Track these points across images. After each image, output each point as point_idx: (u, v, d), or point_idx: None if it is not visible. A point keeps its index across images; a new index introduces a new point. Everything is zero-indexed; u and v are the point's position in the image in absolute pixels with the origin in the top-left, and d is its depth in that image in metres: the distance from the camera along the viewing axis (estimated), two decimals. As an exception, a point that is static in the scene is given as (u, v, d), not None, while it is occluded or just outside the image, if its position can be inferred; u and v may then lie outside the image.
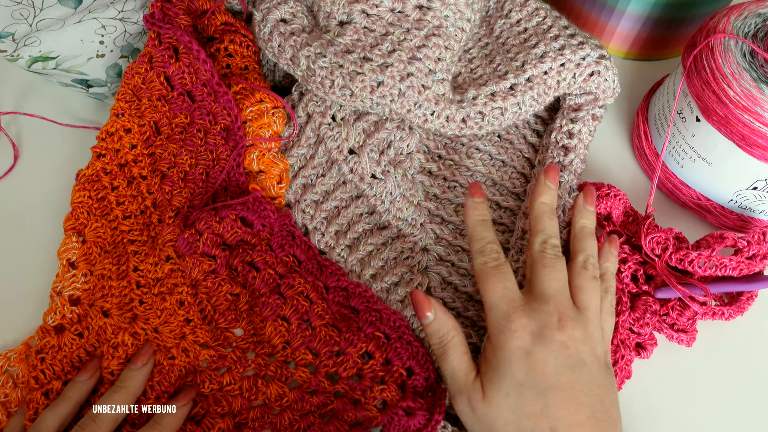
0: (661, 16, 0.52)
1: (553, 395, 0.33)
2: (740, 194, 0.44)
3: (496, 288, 0.36)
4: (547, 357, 0.34)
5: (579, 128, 0.46)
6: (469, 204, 0.39)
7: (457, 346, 0.36)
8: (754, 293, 0.42)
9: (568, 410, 0.33)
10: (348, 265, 0.43)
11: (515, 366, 0.34)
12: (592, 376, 0.34)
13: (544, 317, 0.35)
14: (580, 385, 0.34)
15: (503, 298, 0.35)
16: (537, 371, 0.34)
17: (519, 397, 0.33)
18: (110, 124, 0.47)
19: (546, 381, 0.33)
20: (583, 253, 0.39)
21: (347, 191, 0.45)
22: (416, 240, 0.43)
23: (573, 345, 0.34)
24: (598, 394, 0.34)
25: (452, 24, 0.44)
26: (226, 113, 0.43)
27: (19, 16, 0.41)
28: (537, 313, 0.35)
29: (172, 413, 0.38)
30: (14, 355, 0.40)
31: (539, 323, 0.34)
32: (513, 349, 0.34)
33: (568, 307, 0.36)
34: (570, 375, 0.34)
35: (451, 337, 0.36)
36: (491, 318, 0.36)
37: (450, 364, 0.36)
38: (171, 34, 0.43)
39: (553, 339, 0.34)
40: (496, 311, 0.36)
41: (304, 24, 0.44)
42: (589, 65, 0.45)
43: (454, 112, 0.43)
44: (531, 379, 0.33)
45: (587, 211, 0.41)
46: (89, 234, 0.44)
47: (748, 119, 0.39)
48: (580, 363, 0.34)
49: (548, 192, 0.40)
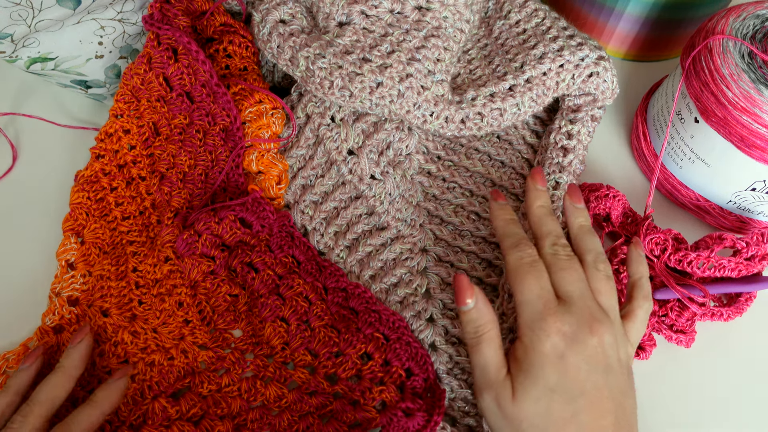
0: (659, 17, 0.52)
1: (583, 401, 0.33)
2: (739, 195, 0.44)
3: (532, 286, 0.35)
4: (579, 362, 0.33)
5: (578, 129, 0.46)
6: (494, 207, 0.40)
7: (493, 340, 0.35)
8: (753, 294, 0.42)
9: (594, 416, 0.33)
10: (347, 266, 0.43)
11: (548, 370, 0.33)
12: (617, 381, 0.34)
13: (577, 320, 0.34)
14: (606, 391, 0.33)
15: (540, 298, 0.35)
16: (569, 376, 0.33)
17: (550, 403, 0.33)
18: (109, 125, 0.47)
19: (578, 387, 0.33)
20: (590, 253, 0.38)
21: (346, 192, 0.45)
22: (415, 241, 0.43)
23: (602, 350, 0.34)
24: (621, 400, 0.34)
25: (451, 25, 0.44)
26: (225, 114, 0.43)
27: (18, 17, 0.41)
28: (569, 316, 0.34)
29: (106, 390, 0.38)
30: (13, 357, 0.40)
31: (573, 327, 0.34)
32: (547, 352, 0.33)
33: (597, 310, 0.35)
34: (598, 381, 0.33)
35: (488, 330, 0.35)
36: (525, 317, 0.35)
37: (483, 356, 0.35)
38: (170, 35, 0.43)
39: (586, 343, 0.33)
40: (530, 310, 0.35)
41: (303, 25, 0.44)
42: (587, 66, 0.45)
43: (453, 113, 0.43)
44: (563, 385, 0.33)
45: (578, 210, 0.40)
46: (88, 235, 0.44)
47: (747, 120, 0.39)
48: (608, 368, 0.34)
49: (541, 195, 0.40)
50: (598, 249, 0.38)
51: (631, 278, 0.39)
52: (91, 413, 0.37)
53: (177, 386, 0.39)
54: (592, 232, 0.39)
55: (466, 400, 0.39)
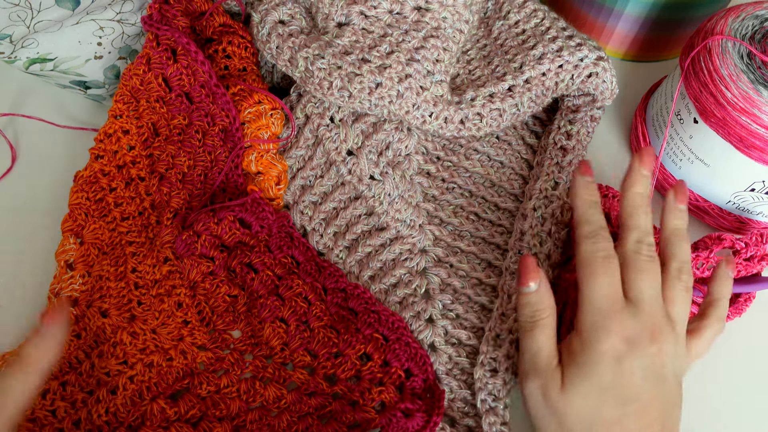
0: (659, 18, 0.52)
1: (633, 407, 0.32)
2: (738, 196, 0.44)
3: (601, 283, 0.34)
4: (636, 368, 0.33)
5: (577, 129, 0.46)
6: (579, 183, 0.36)
7: (548, 327, 0.34)
8: (752, 295, 0.42)
9: (641, 423, 0.32)
10: (346, 267, 0.43)
11: (603, 369, 0.32)
12: (669, 393, 0.33)
13: (640, 325, 0.33)
14: (657, 401, 0.33)
15: (607, 297, 0.33)
16: (624, 380, 0.32)
17: (599, 401, 0.32)
18: (108, 126, 0.47)
19: (630, 392, 0.32)
20: (677, 261, 0.35)
21: (346, 192, 0.45)
22: (415, 242, 0.43)
23: (660, 359, 0.33)
24: (670, 411, 0.33)
25: (450, 25, 0.44)
26: (224, 114, 0.43)
27: (17, 18, 0.41)
28: (634, 320, 0.33)
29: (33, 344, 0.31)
30: (11, 357, 0.40)
31: (635, 332, 0.33)
32: (605, 351, 0.33)
33: (663, 318, 0.34)
34: (651, 389, 0.33)
35: (546, 315, 0.34)
36: (588, 312, 0.34)
37: (536, 342, 0.34)
38: (169, 36, 0.43)
39: (645, 350, 0.33)
40: (595, 307, 0.33)
41: (302, 25, 0.44)
42: (587, 66, 0.45)
43: (452, 114, 0.43)
44: (616, 387, 0.32)
45: (678, 211, 0.36)
46: (87, 235, 0.44)
47: (746, 121, 0.39)
48: (663, 378, 0.33)
49: (642, 180, 0.36)
50: (686, 258, 0.36)
51: (710, 296, 0.37)
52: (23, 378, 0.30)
53: (176, 387, 0.39)
54: (685, 237, 0.36)
55: (466, 401, 0.39)
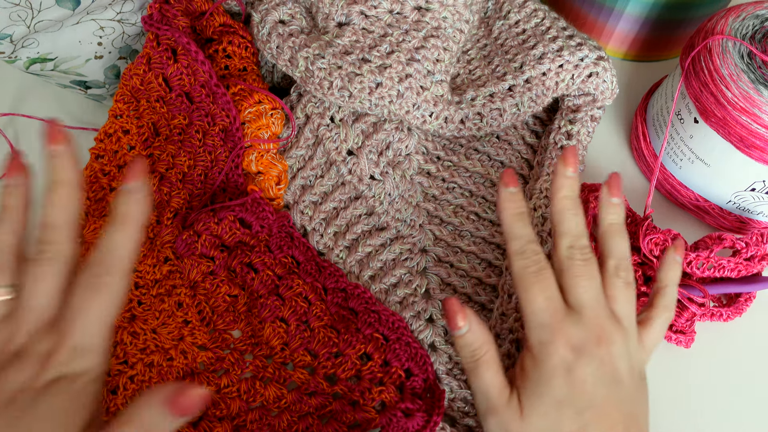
0: (659, 18, 0.52)
1: (591, 414, 0.32)
2: (738, 195, 0.44)
3: (538, 297, 0.33)
4: (587, 375, 0.32)
5: (577, 129, 0.46)
6: (503, 196, 0.35)
7: (491, 362, 0.34)
8: (752, 294, 0.42)
9: (602, 428, 0.32)
10: (347, 266, 0.43)
11: (556, 383, 0.32)
12: (627, 392, 0.33)
13: (585, 332, 0.33)
14: (615, 402, 0.33)
15: (546, 310, 0.33)
16: (577, 389, 0.32)
17: (558, 417, 0.32)
18: (108, 126, 0.47)
19: (585, 399, 0.32)
20: (614, 258, 0.35)
21: (346, 192, 0.45)
22: (415, 241, 0.43)
23: (610, 361, 0.33)
24: (632, 410, 0.33)
25: (451, 25, 0.44)
26: (224, 114, 0.43)
27: (17, 18, 0.41)
28: (577, 327, 0.33)
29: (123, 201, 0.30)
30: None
31: (581, 339, 0.33)
32: (555, 365, 0.32)
33: (607, 319, 0.33)
34: (607, 392, 0.32)
35: (485, 352, 0.34)
36: (532, 328, 0.33)
37: (483, 381, 0.34)
38: (169, 36, 0.43)
39: (594, 355, 0.32)
40: (537, 322, 0.33)
41: (302, 25, 0.44)
42: (587, 66, 0.45)
43: (452, 113, 0.43)
44: (571, 398, 0.32)
45: (612, 205, 0.36)
46: (88, 235, 0.44)
47: (746, 121, 0.39)
48: (617, 380, 0.33)
49: (567, 183, 0.35)
50: (624, 254, 0.35)
51: (658, 283, 0.37)
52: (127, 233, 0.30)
53: None
54: (622, 232, 0.36)
55: (466, 401, 0.39)
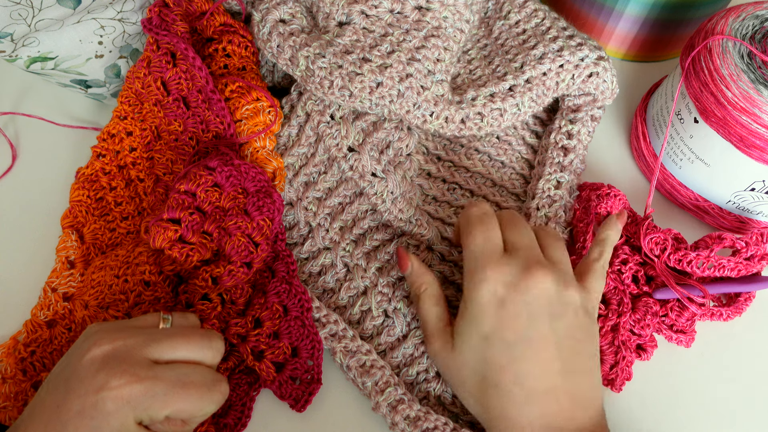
0: (659, 18, 0.52)
1: (522, 349, 0.33)
2: (738, 195, 0.44)
3: (477, 237, 0.35)
4: (519, 309, 0.33)
5: (578, 129, 0.46)
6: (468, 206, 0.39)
7: (431, 296, 0.38)
8: (752, 294, 0.42)
9: (535, 364, 0.33)
10: (353, 259, 0.43)
11: (485, 317, 0.34)
12: (566, 327, 0.34)
13: (518, 268, 0.34)
14: (552, 338, 0.33)
15: (483, 250, 0.35)
16: (507, 324, 0.33)
17: (486, 349, 0.34)
18: (112, 126, 0.47)
19: (516, 334, 0.33)
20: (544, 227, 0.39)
21: (350, 188, 0.45)
22: (423, 239, 0.43)
23: (547, 297, 0.34)
24: (572, 346, 0.34)
25: (451, 25, 0.44)
26: (218, 121, 0.43)
27: (18, 17, 0.41)
28: (510, 264, 0.34)
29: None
30: (2, 350, 0.40)
31: (513, 275, 0.34)
32: (484, 301, 0.34)
33: (540, 259, 0.35)
34: (542, 327, 0.33)
35: (425, 288, 0.38)
36: (467, 268, 0.35)
37: (423, 310, 0.38)
38: (168, 41, 0.43)
39: (528, 291, 0.33)
40: (473, 261, 0.35)
41: (303, 24, 0.44)
42: (587, 66, 0.45)
43: (453, 113, 0.43)
44: (499, 332, 0.33)
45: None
46: (88, 235, 0.44)
47: (746, 120, 0.39)
48: (554, 314, 0.33)
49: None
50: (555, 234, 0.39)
51: (596, 237, 0.40)
52: None
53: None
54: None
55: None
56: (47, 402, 0.30)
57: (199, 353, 0.33)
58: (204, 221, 0.39)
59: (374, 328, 0.41)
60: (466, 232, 0.36)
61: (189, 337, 0.33)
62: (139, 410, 0.30)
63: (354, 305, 0.42)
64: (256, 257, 0.39)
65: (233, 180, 0.40)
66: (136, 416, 0.30)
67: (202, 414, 0.32)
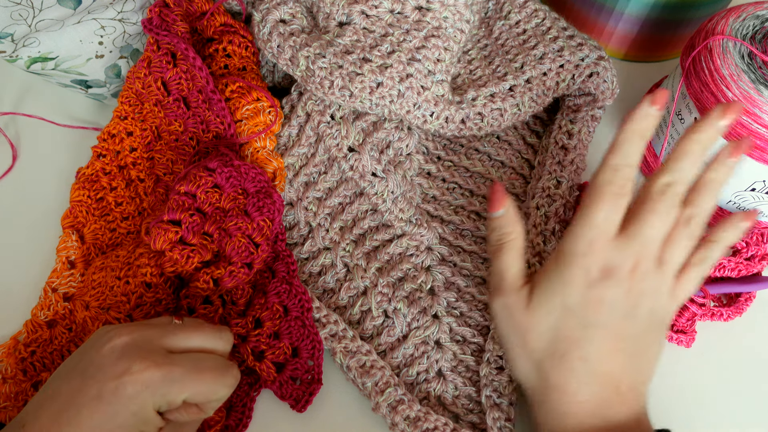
0: (659, 18, 0.52)
1: (596, 332, 0.33)
2: (738, 195, 0.44)
3: (599, 213, 0.33)
4: (604, 296, 0.33)
5: (578, 129, 0.46)
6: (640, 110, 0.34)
7: (515, 249, 0.35)
8: (753, 294, 0.42)
9: (603, 350, 0.33)
10: (354, 259, 0.43)
11: (571, 290, 0.33)
12: (640, 331, 0.33)
13: (623, 259, 0.33)
14: (624, 334, 0.33)
15: (598, 227, 0.33)
16: (589, 305, 0.33)
17: (562, 319, 0.33)
18: (113, 126, 0.47)
19: (594, 317, 0.33)
20: (694, 208, 0.34)
21: (350, 188, 0.45)
22: (423, 239, 0.43)
23: (636, 296, 0.33)
24: (642, 347, 0.34)
25: (451, 25, 0.44)
26: (218, 121, 0.43)
27: (18, 17, 0.41)
28: (618, 252, 0.33)
29: None
30: (2, 350, 0.40)
31: (615, 263, 0.33)
32: (577, 274, 0.33)
33: (650, 260, 0.33)
34: (619, 323, 0.33)
35: (512, 238, 0.35)
36: (573, 234, 0.33)
37: (502, 262, 0.35)
38: (168, 41, 0.43)
39: (621, 283, 0.33)
40: (582, 233, 0.33)
41: (303, 25, 0.44)
42: (588, 66, 0.45)
43: (453, 113, 0.43)
44: (581, 310, 0.33)
45: (723, 165, 0.34)
46: (88, 235, 0.44)
47: (747, 120, 0.39)
48: (633, 316, 0.33)
49: (709, 131, 0.33)
50: (705, 209, 0.34)
51: (708, 236, 0.35)
52: None
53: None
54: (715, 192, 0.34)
55: (470, 398, 0.39)
56: (62, 389, 0.30)
57: (211, 342, 0.34)
58: (204, 222, 0.39)
59: (374, 328, 0.41)
60: (591, 200, 0.33)
61: (201, 328, 0.34)
62: (158, 396, 0.30)
63: (354, 305, 0.42)
64: (257, 258, 0.39)
65: (233, 181, 0.40)
66: (155, 402, 0.30)
67: (216, 398, 0.32)
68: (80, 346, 0.33)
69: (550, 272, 0.34)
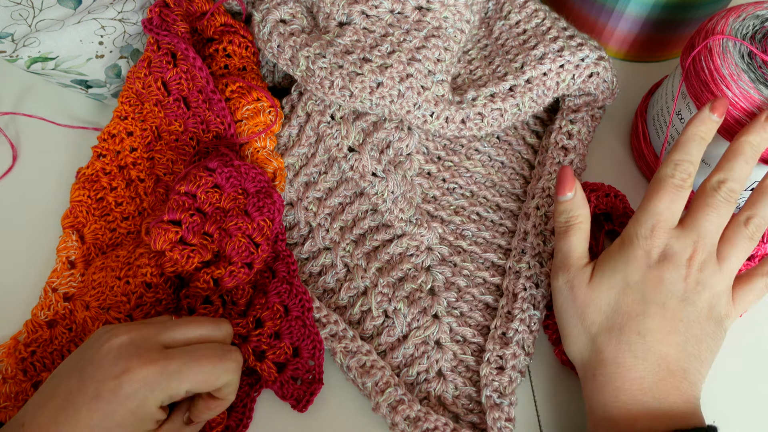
0: (659, 18, 0.52)
1: (655, 309, 0.34)
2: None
3: (661, 203, 0.35)
4: (664, 276, 0.34)
5: (578, 129, 0.46)
6: (702, 115, 0.37)
7: (581, 231, 0.37)
8: (753, 294, 0.42)
9: (661, 328, 0.34)
10: (354, 259, 0.43)
11: (633, 268, 0.35)
12: (698, 317, 0.34)
13: (681, 248, 0.35)
14: (682, 316, 0.34)
15: (660, 215, 0.35)
16: (649, 284, 0.34)
17: (622, 295, 0.35)
18: (113, 126, 0.47)
19: (653, 296, 0.34)
20: (754, 210, 0.36)
21: (350, 188, 0.45)
22: (423, 239, 0.43)
23: (693, 283, 0.34)
24: (698, 334, 0.34)
25: (451, 25, 0.44)
26: (219, 121, 0.43)
27: (19, 17, 0.41)
28: (677, 241, 0.35)
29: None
30: (2, 350, 0.40)
31: (673, 250, 0.35)
32: (639, 255, 0.35)
33: (707, 251, 0.35)
34: (677, 304, 0.34)
35: (579, 221, 0.37)
36: (638, 221, 0.36)
37: (568, 242, 0.37)
38: (168, 41, 0.43)
39: (679, 267, 0.34)
40: (644, 220, 0.35)
41: (303, 25, 0.44)
42: (588, 66, 0.45)
43: (453, 113, 0.43)
44: (642, 286, 0.34)
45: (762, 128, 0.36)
46: (88, 235, 0.44)
47: (747, 120, 0.39)
48: (690, 301, 0.34)
49: (762, 134, 0.36)
50: (764, 217, 0.36)
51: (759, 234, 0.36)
52: None
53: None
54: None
55: (470, 398, 0.39)
56: (61, 389, 0.31)
57: (208, 332, 0.34)
58: (204, 222, 0.39)
59: (374, 328, 0.41)
60: (653, 191, 0.36)
61: (198, 320, 0.35)
62: (158, 391, 0.30)
63: (354, 305, 0.42)
64: (257, 258, 0.39)
65: (233, 181, 0.40)
66: (155, 398, 0.31)
67: (221, 383, 0.33)
68: (79, 346, 0.33)
69: (614, 252, 0.36)
